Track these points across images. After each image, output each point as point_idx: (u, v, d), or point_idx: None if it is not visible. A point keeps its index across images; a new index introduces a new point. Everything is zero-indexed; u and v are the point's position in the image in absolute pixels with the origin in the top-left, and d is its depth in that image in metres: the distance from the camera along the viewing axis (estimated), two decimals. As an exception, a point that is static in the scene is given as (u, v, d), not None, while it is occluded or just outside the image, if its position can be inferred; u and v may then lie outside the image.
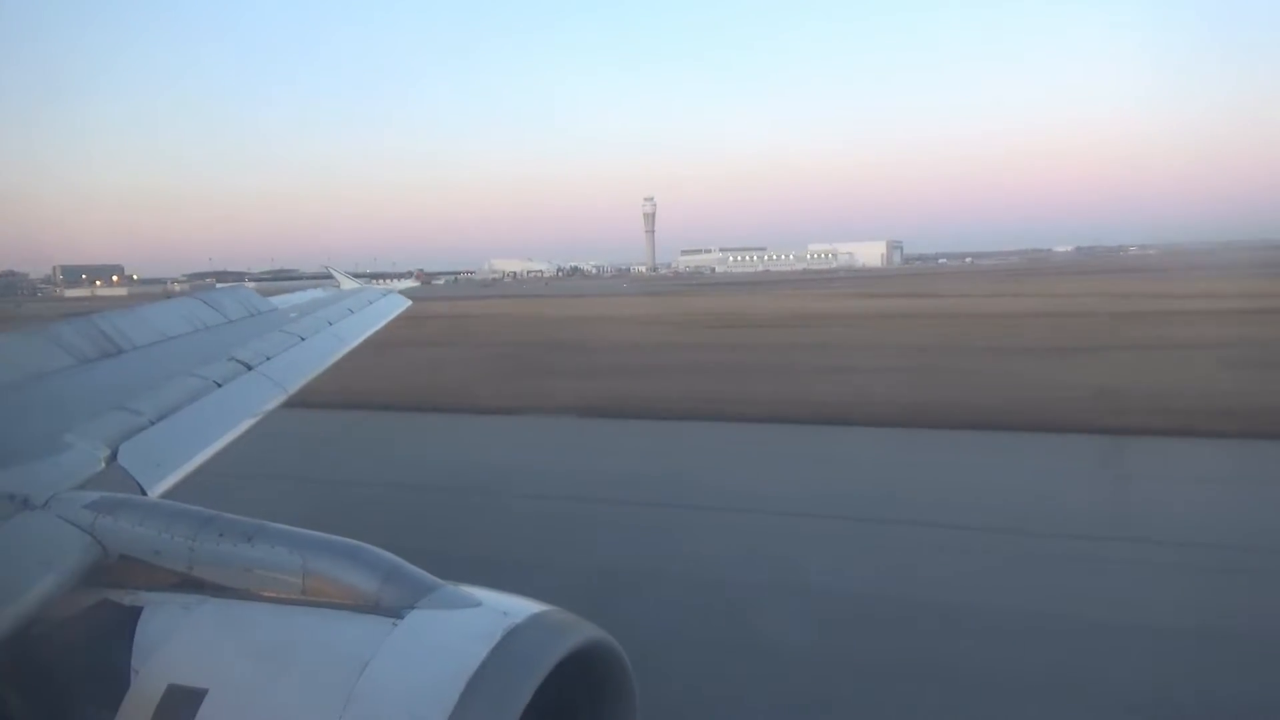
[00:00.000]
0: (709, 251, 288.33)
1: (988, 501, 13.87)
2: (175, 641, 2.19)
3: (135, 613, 2.28)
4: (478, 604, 2.17)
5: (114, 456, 3.52)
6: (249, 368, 5.42)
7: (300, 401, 5.77)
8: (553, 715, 2.14)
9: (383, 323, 9.51)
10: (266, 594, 2.27)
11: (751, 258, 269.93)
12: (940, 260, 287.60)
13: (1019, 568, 11.07)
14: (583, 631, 2.16)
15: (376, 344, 8.73)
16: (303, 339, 6.74)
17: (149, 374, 4.73)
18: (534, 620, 2.13)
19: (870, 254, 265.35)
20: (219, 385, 4.92)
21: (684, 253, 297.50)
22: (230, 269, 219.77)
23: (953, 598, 10.06)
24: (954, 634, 9.11)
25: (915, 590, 10.35)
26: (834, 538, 12.57)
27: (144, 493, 3.39)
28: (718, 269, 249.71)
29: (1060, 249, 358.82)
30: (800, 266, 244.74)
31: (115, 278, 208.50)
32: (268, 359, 5.75)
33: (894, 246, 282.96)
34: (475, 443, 20.28)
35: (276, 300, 8.39)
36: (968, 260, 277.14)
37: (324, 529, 2.36)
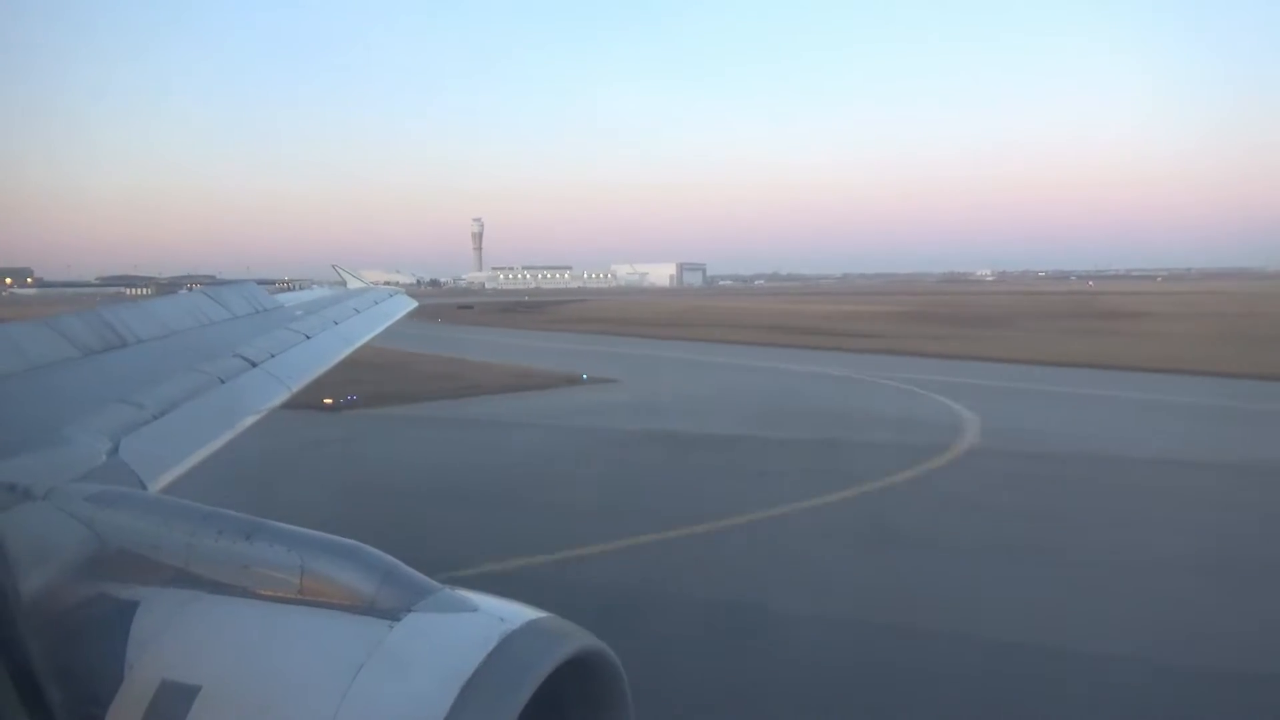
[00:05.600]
0: (512, 269, 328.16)
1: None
2: (170, 637, 2.18)
3: (131, 607, 2.27)
4: (474, 609, 2.16)
5: (115, 450, 3.50)
6: (253, 364, 5.42)
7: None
8: None
9: (388, 323, 9.52)
10: (263, 592, 2.25)
11: (524, 275, 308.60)
12: (723, 282, 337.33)
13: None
14: (578, 640, 2.15)
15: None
16: (308, 337, 6.75)
17: (153, 368, 4.73)
18: (530, 627, 2.12)
19: (662, 274, 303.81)
20: (222, 381, 4.91)
21: (494, 269, 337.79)
22: (139, 274, 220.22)
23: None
24: None
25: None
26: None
27: (144, 487, 3.38)
28: (487, 285, 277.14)
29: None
30: (575, 284, 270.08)
31: (8, 279, 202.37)
32: (272, 356, 5.74)
33: (690, 268, 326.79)
34: None
35: (282, 298, 8.43)
36: (757, 283, 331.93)
37: None
